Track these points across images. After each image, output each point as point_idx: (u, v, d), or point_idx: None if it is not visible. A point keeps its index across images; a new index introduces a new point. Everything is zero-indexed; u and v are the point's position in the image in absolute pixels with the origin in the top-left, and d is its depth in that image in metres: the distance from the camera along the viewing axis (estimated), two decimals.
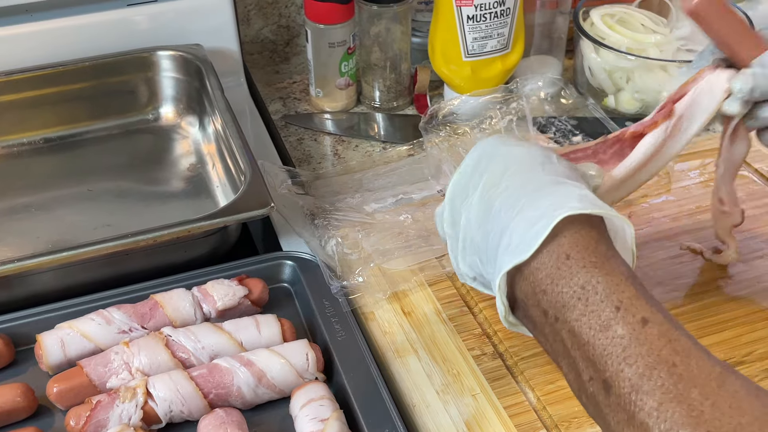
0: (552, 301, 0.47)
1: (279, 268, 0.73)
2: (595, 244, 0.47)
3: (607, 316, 0.44)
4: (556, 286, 0.47)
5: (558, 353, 0.48)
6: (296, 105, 0.98)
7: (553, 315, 0.47)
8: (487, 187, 0.52)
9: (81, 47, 0.89)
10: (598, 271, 0.46)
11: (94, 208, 0.81)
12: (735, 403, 0.39)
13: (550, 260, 0.47)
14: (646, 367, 0.42)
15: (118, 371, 0.62)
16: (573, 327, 0.45)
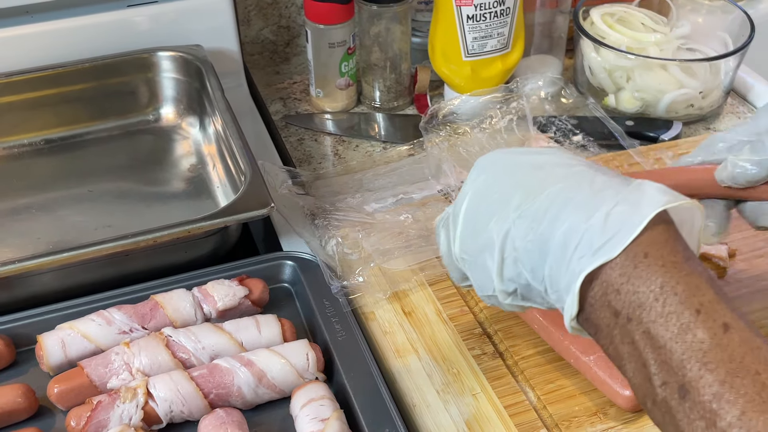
0: (626, 302, 0.45)
1: (279, 269, 0.73)
2: (673, 242, 0.46)
3: (687, 319, 0.42)
4: (632, 285, 0.45)
5: (624, 357, 0.46)
6: (296, 105, 0.98)
7: (625, 315, 0.45)
8: (525, 197, 0.50)
9: (81, 48, 0.89)
10: (677, 271, 0.44)
11: (94, 209, 0.81)
12: None
13: (627, 259, 0.45)
14: (728, 374, 0.40)
15: (118, 372, 0.63)
16: (648, 329, 0.44)
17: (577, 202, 0.48)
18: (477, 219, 0.53)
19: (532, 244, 0.49)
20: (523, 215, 0.50)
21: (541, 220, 0.49)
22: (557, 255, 0.48)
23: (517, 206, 0.50)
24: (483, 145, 0.86)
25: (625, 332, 0.45)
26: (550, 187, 0.49)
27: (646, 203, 0.46)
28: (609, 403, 0.62)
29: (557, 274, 0.48)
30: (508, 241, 0.50)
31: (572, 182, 0.49)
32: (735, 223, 0.76)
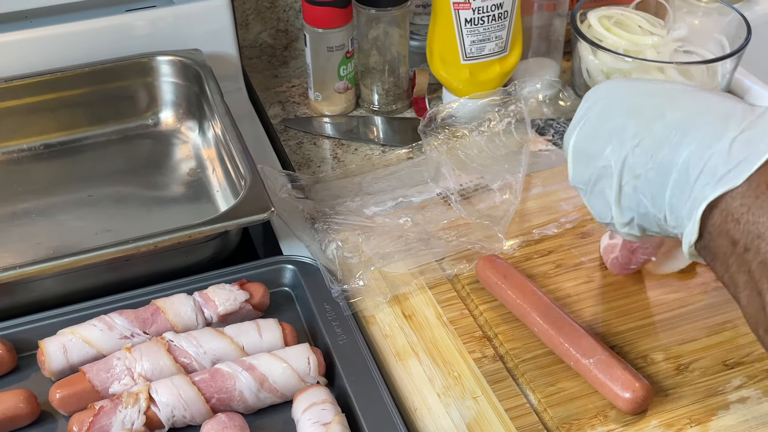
0: (745, 231, 0.45)
1: (280, 272, 0.73)
2: None
3: None
4: (753, 215, 0.45)
5: (738, 285, 0.46)
6: (295, 109, 0.98)
7: (743, 245, 0.45)
8: (643, 124, 0.49)
9: (80, 53, 0.89)
10: None
11: (94, 214, 0.81)
12: None
13: (749, 189, 0.45)
14: None
15: (120, 377, 0.63)
16: (766, 259, 0.43)
17: (699, 127, 0.47)
18: (590, 148, 0.52)
19: (653, 171, 0.49)
20: (642, 143, 0.49)
21: (661, 147, 0.48)
22: (679, 182, 0.48)
23: (635, 134, 0.49)
24: (481, 148, 0.86)
25: (742, 261, 0.45)
26: (669, 114, 0.48)
27: (760, 125, 0.45)
28: (609, 405, 0.62)
29: (679, 201, 0.48)
30: (626, 170, 0.50)
31: (694, 108, 0.48)
32: None
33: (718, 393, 0.62)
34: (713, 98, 0.49)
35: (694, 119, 0.48)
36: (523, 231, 0.77)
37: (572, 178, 0.55)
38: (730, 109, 0.48)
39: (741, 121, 0.47)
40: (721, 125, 0.47)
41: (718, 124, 0.47)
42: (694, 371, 0.64)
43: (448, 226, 0.78)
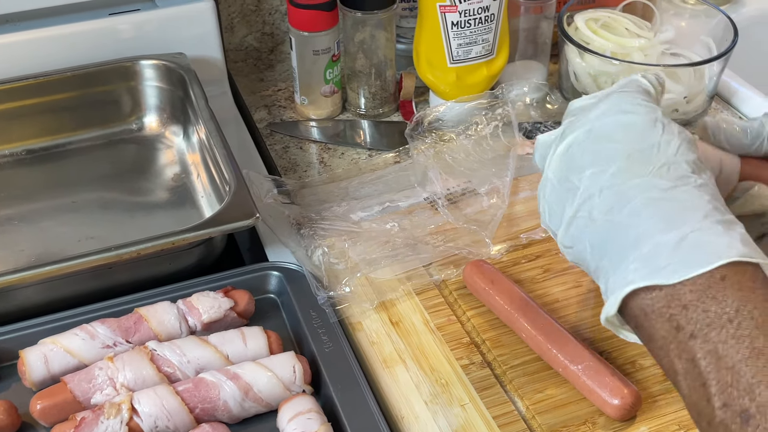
0: (692, 318, 0.43)
1: (265, 279, 0.72)
2: (752, 271, 0.44)
3: (761, 344, 0.41)
4: (703, 304, 0.43)
5: (679, 372, 0.44)
6: (281, 113, 0.97)
7: (689, 332, 0.43)
8: (624, 171, 0.48)
9: (63, 57, 0.88)
10: (755, 296, 0.43)
11: (78, 220, 0.80)
12: None
13: (702, 279, 0.44)
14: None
15: (102, 387, 0.62)
16: (717, 348, 0.42)
17: (662, 207, 0.46)
18: (574, 161, 0.50)
19: (604, 225, 0.48)
20: (612, 191, 0.48)
21: (623, 206, 0.47)
22: (618, 251, 0.47)
23: (612, 176, 0.48)
24: (469, 152, 0.86)
25: (685, 348, 0.44)
26: (647, 176, 0.47)
27: (726, 248, 0.44)
28: (598, 412, 0.61)
29: (610, 267, 0.47)
30: (587, 205, 0.49)
31: (669, 181, 0.47)
32: None
33: None
34: (693, 178, 0.47)
35: (663, 195, 0.46)
36: (510, 235, 0.77)
37: (552, 170, 0.52)
38: (699, 200, 0.46)
39: (702, 218, 0.45)
40: (683, 216, 0.46)
41: (681, 213, 0.46)
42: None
43: (435, 231, 0.77)
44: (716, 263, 0.43)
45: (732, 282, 0.43)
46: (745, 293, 0.43)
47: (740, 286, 0.43)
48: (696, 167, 0.48)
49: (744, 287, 0.43)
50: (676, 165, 0.48)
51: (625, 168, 0.48)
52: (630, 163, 0.48)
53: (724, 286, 0.43)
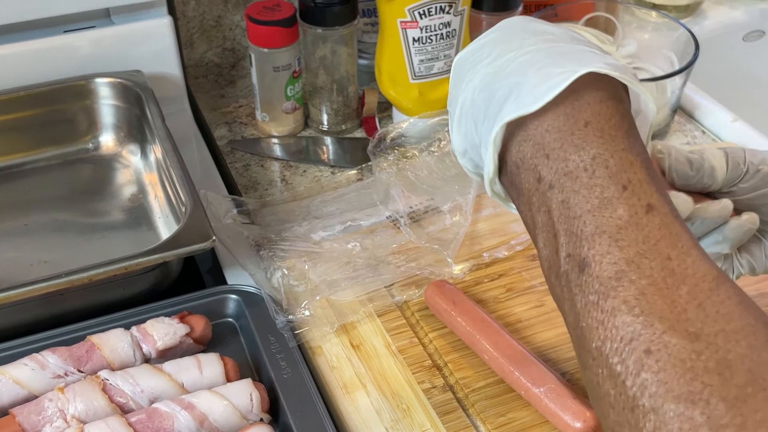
0: (554, 168, 0.42)
1: (223, 303, 0.71)
2: (619, 118, 0.42)
3: (611, 193, 0.40)
4: (564, 152, 0.42)
5: (538, 225, 0.43)
6: (242, 130, 0.96)
7: (548, 182, 0.42)
8: (503, 52, 0.46)
9: (17, 76, 0.86)
10: (614, 144, 0.41)
11: (30, 244, 0.78)
12: (724, 309, 0.36)
13: (567, 124, 0.42)
14: (638, 254, 0.38)
15: (52, 419, 0.60)
16: (569, 198, 0.41)
17: (534, 60, 0.44)
18: (461, 69, 0.49)
19: (482, 97, 0.46)
20: (489, 70, 0.46)
21: (498, 75, 0.45)
22: (495, 106, 0.45)
23: (488, 61, 0.46)
24: (431, 169, 0.85)
25: (544, 200, 0.43)
26: (526, 47, 0.45)
27: (584, 65, 0.42)
28: None
29: (490, 125, 0.45)
30: (468, 91, 0.47)
31: (550, 45, 0.45)
32: None
33: None
34: (573, 45, 0.45)
35: (539, 54, 0.45)
36: (473, 254, 0.76)
37: (448, 101, 0.51)
38: (574, 50, 0.44)
39: (574, 57, 0.43)
40: (556, 59, 0.44)
41: (553, 58, 0.44)
42: None
43: (397, 250, 0.76)
44: (573, 77, 0.41)
45: (595, 128, 0.42)
46: (606, 140, 0.42)
47: (602, 133, 0.42)
48: (578, 38, 0.47)
49: (605, 134, 0.42)
50: (557, 35, 0.46)
51: (501, 50, 0.46)
52: (504, 45, 0.46)
53: (586, 132, 0.42)
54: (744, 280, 0.59)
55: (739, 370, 0.35)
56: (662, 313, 0.36)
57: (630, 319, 0.37)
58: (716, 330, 0.36)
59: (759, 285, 0.72)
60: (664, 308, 0.37)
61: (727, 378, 0.34)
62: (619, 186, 0.40)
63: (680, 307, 0.37)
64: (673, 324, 0.36)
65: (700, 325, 0.36)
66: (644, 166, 0.41)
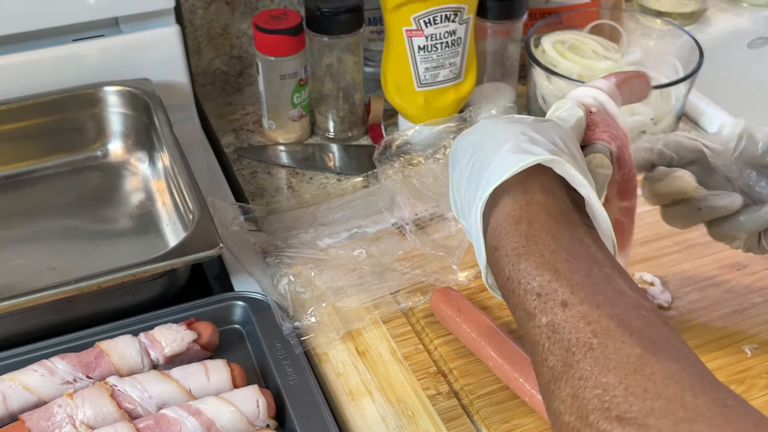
0: (502, 295, 0.48)
1: (230, 310, 0.71)
2: (515, 226, 0.47)
3: (531, 306, 0.44)
4: (497, 280, 0.47)
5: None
6: (249, 137, 0.96)
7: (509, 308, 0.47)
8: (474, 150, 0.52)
9: (28, 84, 0.87)
10: (517, 258, 0.45)
11: (39, 251, 0.79)
12: (651, 387, 0.38)
13: (490, 255, 0.48)
14: (566, 353, 0.41)
15: (61, 425, 0.60)
16: (515, 319, 0.46)
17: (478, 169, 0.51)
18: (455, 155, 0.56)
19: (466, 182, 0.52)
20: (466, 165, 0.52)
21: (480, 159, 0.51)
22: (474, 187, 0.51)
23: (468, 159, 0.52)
24: (437, 176, 0.85)
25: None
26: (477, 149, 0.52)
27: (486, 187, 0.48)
28: None
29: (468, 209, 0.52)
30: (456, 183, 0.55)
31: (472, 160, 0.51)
32: (687, 252, 0.77)
33: None
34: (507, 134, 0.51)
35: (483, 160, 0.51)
36: None
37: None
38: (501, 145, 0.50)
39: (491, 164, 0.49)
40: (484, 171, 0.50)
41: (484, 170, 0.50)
42: None
43: (402, 257, 0.77)
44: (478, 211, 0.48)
45: (505, 249, 0.46)
46: (511, 259, 0.46)
47: (507, 252, 0.46)
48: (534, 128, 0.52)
49: (510, 252, 0.46)
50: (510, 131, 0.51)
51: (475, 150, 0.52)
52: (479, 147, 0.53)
53: (498, 257, 0.47)
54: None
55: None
56: (593, 404, 0.39)
57: (569, 418, 0.40)
58: (645, 410, 0.38)
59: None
60: (594, 399, 0.39)
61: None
62: (534, 295, 0.44)
63: (609, 394, 0.39)
64: (604, 412, 0.38)
65: (627, 408, 0.38)
66: (549, 264, 0.44)
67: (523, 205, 0.47)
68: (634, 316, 0.42)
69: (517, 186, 0.48)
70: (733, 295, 0.73)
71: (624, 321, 0.41)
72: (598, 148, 0.54)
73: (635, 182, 0.57)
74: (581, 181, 0.48)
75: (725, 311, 0.71)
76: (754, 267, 0.75)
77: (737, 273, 0.75)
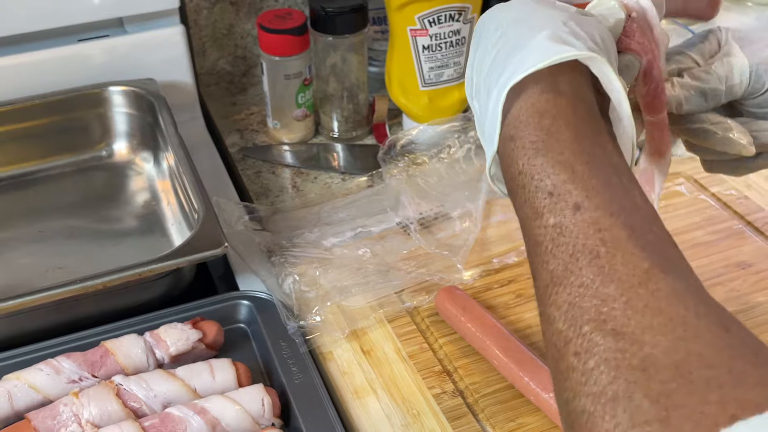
0: (509, 192, 0.44)
1: (235, 309, 0.71)
2: (538, 118, 0.43)
3: (540, 204, 0.41)
4: (507, 174, 0.44)
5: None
6: (254, 137, 0.97)
7: (514, 206, 0.44)
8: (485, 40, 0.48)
9: (32, 84, 0.87)
10: (535, 152, 0.42)
11: (45, 250, 0.79)
12: (653, 302, 0.36)
13: (502, 145, 0.44)
14: (570, 258, 0.39)
15: (67, 424, 0.60)
16: (519, 216, 0.43)
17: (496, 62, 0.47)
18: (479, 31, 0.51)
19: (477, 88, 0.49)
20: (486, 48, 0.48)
21: (483, 64, 0.48)
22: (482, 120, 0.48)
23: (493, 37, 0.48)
24: (441, 176, 0.85)
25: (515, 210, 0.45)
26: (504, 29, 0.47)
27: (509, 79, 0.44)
28: None
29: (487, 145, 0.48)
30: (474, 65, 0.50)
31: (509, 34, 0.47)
32: (693, 251, 0.77)
33: None
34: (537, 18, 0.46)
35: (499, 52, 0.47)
36: (483, 260, 0.76)
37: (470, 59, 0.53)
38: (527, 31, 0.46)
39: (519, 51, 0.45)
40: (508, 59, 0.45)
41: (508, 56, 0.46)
42: None
43: (407, 256, 0.77)
44: (499, 109, 0.44)
45: (520, 139, 0.43)
46: (528, 151, 0.43)
47: (524, 144, 0.43)
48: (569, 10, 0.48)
49: (527, 144, 0.43)
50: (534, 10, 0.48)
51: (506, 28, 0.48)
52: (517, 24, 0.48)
53: (512, 147, 0.43)
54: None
55: (664, 364, 0.34)
56: (589, 314, 0.37)
57: (562, 326, 0.38)
58: (643, 325, 0.36)
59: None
60: (591, 309, 0.37)
61: (651, 374, 0.34)
62: (546, 194, 0.41)
63: (608, 306, 0.37)
64: (600, 324, 0.36)
65: (625, 321, 0.36)
66: (567, 164, 0.41)
67: (551, 98, 0.43)
68: (647, 230, 0.40)
69: (547, 78, 0.44)
70: (738, 294, 0.73)
71: (636, 233, 0.39)
72: (627, 60, 0.51)
73: (664, 97, 0.54)
74: (617, 87, 0.45)
75: (730, 310, 0.71)
76: (759, 266, 0.75)
77: (742, 272, 0.75)
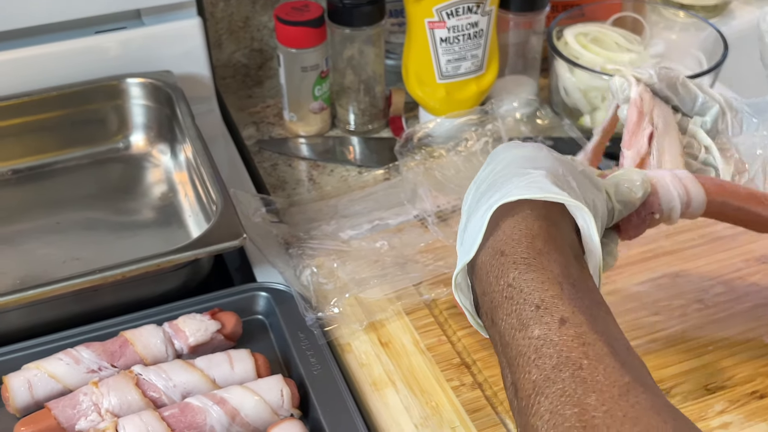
0: (489, 302, 0.46)
1: (253, 300, 0.71)
2: (531, 239, 0.46)
3: (527, 316, 0.43)
4: (490, 285, 0.46)
5: (501, 365, 0.47)
6: (270, 129, 0.97)
7: (490, 317, 0.46)
8: (476, 184, 0.53)
9: (50, 76, 0.87)
10: (526, 267, 0.45)
11: (63, 241, 0.79)
12: (632, 413, 0.38)
13: (488, 257, 0.47)
14: (552, 369, 0.41)
15: (87, 413, 0.61)
16: (501, 328, 0.45)
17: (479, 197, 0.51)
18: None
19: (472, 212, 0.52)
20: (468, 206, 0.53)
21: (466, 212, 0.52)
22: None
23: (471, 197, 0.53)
24: (459, 169, 0.85)
25: (492, 335, 0.47)
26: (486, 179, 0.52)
27: (496, 201, 0.47)
28: None
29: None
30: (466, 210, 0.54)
31: (495, 177, 0.51)
32: (712, 245, 0.76)
33: (700, 419, 0.61)
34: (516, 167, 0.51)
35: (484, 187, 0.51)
36: None
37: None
38: (508, 174, 0.50)
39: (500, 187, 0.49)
40: (487, 193, 0.50)
41: (485, 194, 0.50)
42: (675, 396, 0.63)
43: (425, 249, 0.77)
44: (486, 221, 0.47)
45: (510, 255, 0.46)
46: (519, 266, 0.45)
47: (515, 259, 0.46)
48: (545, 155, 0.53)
49: (518, 260, 0.46)
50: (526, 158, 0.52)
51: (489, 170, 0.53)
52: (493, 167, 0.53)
53: (502, 261, 0.46)
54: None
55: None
56: (570, 422, 0.39)
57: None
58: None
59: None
60: (572, 417, 0.39)
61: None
62: (533, 306, 0.43)
63: (589, 415, 0.39)
64: (580, 431, 0.38)
65: (604, 429, 0.38)
66: (557, 281, 0.44)
67: (543, 225, 0.47)
68: (625, 354, 0.42)
69: (542, 208, 0.48)
70: (758, 288, 0.72)
71: (617, 352, 0.42)
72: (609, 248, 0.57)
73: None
74: (596, 242, 0.48)
75: (749, 304, 0.71)
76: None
77: (762, 266, 0.74)
